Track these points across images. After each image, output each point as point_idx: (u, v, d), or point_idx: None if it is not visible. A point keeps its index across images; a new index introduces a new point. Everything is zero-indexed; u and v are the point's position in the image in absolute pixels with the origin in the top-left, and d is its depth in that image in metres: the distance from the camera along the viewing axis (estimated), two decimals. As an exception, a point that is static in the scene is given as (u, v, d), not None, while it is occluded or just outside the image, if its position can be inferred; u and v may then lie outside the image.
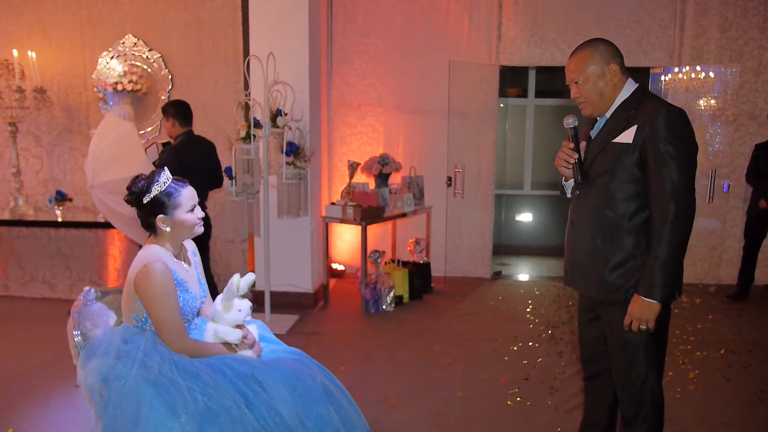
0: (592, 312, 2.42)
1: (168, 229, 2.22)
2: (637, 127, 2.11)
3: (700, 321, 4.85)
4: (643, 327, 2.13)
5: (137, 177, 2.22)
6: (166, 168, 2.24)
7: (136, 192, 2.20)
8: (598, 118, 2.32)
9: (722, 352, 4.20)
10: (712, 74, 5.56)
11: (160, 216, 2.20)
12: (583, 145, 2.31)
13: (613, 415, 2.51)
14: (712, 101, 5.64)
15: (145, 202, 2.18)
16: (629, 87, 2.23)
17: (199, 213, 2.27)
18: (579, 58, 2.23)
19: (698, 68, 5.60)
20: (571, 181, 2.37)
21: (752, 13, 5.65)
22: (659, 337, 2.22)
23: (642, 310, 2.11)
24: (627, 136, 2.14)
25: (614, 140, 2.18)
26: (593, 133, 2.33)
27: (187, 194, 2.24)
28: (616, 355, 2.28)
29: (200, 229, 2.30)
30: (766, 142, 5.36)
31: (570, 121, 2.26)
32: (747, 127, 5.80)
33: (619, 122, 2.19)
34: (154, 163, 4.33)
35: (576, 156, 2.25)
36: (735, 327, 4.73)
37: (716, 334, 4.56)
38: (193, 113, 4.46)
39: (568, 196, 2.44)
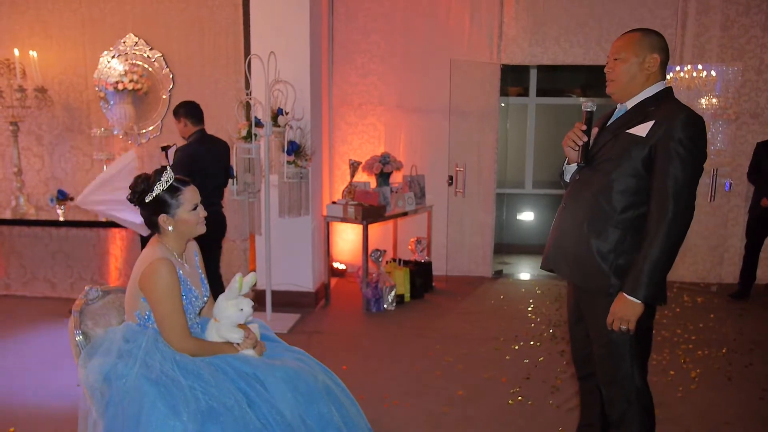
0: (578, 311, 2.42)
1: (170, 228, 2.22)
2: (655, 123, 2.11)
3: (701, 320, 4.85)
4: (624, 327, 2.11)
5: (139, 176, 2.23)
6: (168, 167, 2.23)
7: (138, 191, 2.20)
8: (618, 106, 2.32)
9: (724, 351, 4.19)
10: (713, 73, 5.54)
11: (162, 215, 2.20)
12: (594, 131, 2.31)
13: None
14: (714, 100, 5.62)
15: (147, 201, 2.19)
16: (659, 86, 2.23)
17: (201, 212, 2.27)
18: (628, 37, 2.24)
19: (700, 67, 5.58)
20: (573, 165, 2.36)
21: (754, 12, 5.64)
22: (644, 338, 2.21)
23: (624, 309, 2.10)
24: (642, 130, 2.14)
25: (628, 130, 2.18)
26: (609, 123, 2.32)
27: (190, 193, 2.24)
28: (601, 354, 2.26)
29: (202, 228, 2.30)
30: (767, 140, 5.36)
31: (589, 105, 2.26)
32: (749, 125, 5.80)
33: (637, 115, 2.19)
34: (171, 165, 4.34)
35: (585, 138, 2.25)
36: (737, 326, 4.73)
37: (718, 333, 4.56)
38: (203, 112, 4.45)
39: (567, 180, 2.44)
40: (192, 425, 1.89)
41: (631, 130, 2.16)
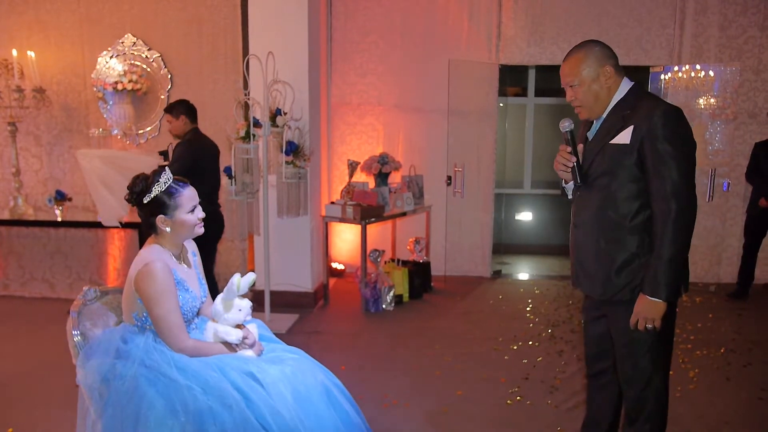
0: (597, 310, 2.42)
1: (168, 229, 2.22)
2: (634, 128, 2.11)
3: (700, 320, 4.85)
4: (650, 326, 2.12)
5: (138, 176, 2.23)
6: (167, 168, 2.23)
7: (136, 192, 2.20)
8: (594, 120, 2.32)
9: (722, 351, 4.20)
10: (712, 73, 5.55)
11: (161, 216, 2.20)
12: (580, 147, 2.30)
13: (617, 412, 2.51)
14: (712, 100, 5.63)
15: (145, 201, 2.19)
16: (624, 87, 2.23)
17: (199, 213, 2.27)
18: (573, 61, 2.22)
19: (698, 67, 5.59)
20: (572, 184, 2.36)
21: (752, 12, 5.64)
22: (665, 337, 2.22)
23: (648, 310, 2.11)
24: (624, 137, 2.13)
25: (612, 141, 2.17)
26: (590, 134, 2.32)
27: (188, 195, 2.24)
28: (622, 354, 2.27)
29: (200, 230, 2.30)
30: (766, 140, 5.36)
31: (566, 125, 2.24)
32: (747, 125, 5.80)
33: (615, 123, 2.19)
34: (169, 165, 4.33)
35: (574, 159, 2.24)
36: (735, 326, 4.73)
37: (716, 333, 4.56)
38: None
39: (569, 197, 2.44)
40: (190, 425, 1.89)
41: (615, 140, 2.16)
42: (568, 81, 2.23)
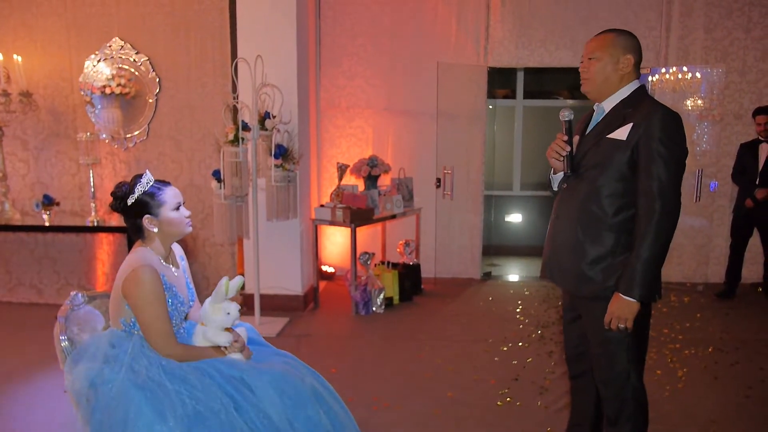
0: (573, 311, 2.44)
1: (155, 229, 2.22)
2: (633, 125, 2.14)
3: (688, 319, 4.89)
4: (622, 326, 2.14)
5: (120, 183, 2.25)
6: (147, 170, 2.26)
7: (120, 196, 2.21)
8: (595, 108, 2.34)
9: (710, 350, 4.23)
10: (698, 74, 5.60)
11: (147, 216, 2.21)
12: (576, 139, 2.33)
13: (599, 413, 2.52)
14: (699, 101, 5.68)
15: (129, 204, 2.19)
16: (633, 86, 2.26)
17: (185, 211, 2.28)
18: (602, 38, 2.27)
19: (685, 69, 5.64)
20: (560, 174, 2.39)
21: (736, 14, 5.70)
22: (640, 336, 2.24)
23: (621, 309, 2.13)
24: (622, 133, 2.16)
25: (608, 136, 2.20)
26: (589, 128, 2.35)
27: (171, 192, 2.26)
28: (598, 353, 2.29)
29: (189, 228, 2.30)
30: (750, 141, 5.42)
31: (566, 114, 2.28)
32: (733, 126, 5.86)
33: (615, 119, 2.22)
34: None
35: (568, 148, 2.27)
36: (723, 325, 4.77)
37: (704, 333, 4.60)
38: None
39: (555, 189, 2.46)
40: (178, 430, 1.88)
41: (612, 135, 2.19)
42: (589, 53, 2.27)
